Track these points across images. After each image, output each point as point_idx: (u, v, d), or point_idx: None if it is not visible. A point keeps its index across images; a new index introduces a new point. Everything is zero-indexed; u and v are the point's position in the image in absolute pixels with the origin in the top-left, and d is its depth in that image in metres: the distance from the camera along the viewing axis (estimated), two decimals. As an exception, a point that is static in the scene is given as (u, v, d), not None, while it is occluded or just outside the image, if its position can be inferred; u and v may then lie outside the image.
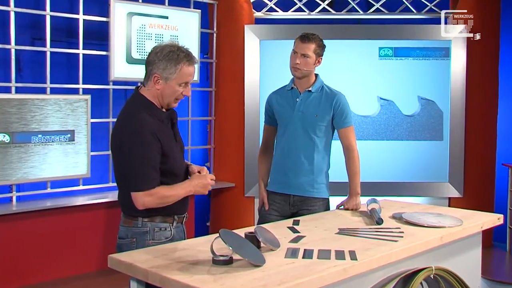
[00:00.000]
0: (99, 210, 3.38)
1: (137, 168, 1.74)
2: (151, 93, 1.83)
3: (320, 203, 2.45)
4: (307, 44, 2.38)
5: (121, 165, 1.80)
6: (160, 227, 1.83)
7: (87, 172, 3.32)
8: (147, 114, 1.79)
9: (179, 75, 1.80)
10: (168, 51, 1.80)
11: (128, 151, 1.75)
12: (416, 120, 3.97)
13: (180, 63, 1.80)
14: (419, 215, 2.19)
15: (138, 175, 1.74)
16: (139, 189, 1.75)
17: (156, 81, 1.81)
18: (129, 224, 1.84)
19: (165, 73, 1.80)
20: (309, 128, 2.44)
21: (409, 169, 3.96)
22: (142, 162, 1.73)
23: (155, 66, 1.80)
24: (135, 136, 1.74)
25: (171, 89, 1.81)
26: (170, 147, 1.82)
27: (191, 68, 1.83)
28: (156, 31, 3.55)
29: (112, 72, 3.40)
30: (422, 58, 3.96)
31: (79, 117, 3.27)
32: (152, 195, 1.75)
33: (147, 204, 1.76)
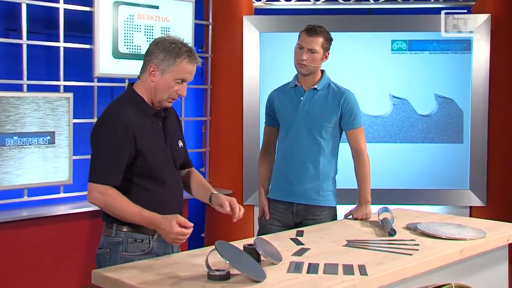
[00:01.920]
0: (82, 220, 3.38)
1: (99, 158, 1.79)
2: (144, 86, 1.87)
3: (326, 212, 2.46)
4: (314, 38, 2.39)
5: (91, 156, 1.85)
6: (135, 238, 1.83)
7: (69, 178, 3.32)
8: (131, 109, 1.83)
9: (177, 69, 1.83)
10: (169, 42, 1.85)
11: (95, 139, 1.81)
12: (432, 121, 3.99)
13: (180, 56, 1.83)
14: (436, 225, 2.21)
15: (98, 165, 1.79)
16: (93, 179, 1.79)
17: (151, 71, 1.84)
18: (105, 233, 1.87)
19: (162, 65, 1.83)
20: (314, 130, 2.45)
21: (425, 174, 3.97)
22: (105, 153, 1.78)
23: (153, 56, 1.84)
24: (107, 126, 1.80)
25: (166, 83, 1.84)
26: (149, 146, 1.83)
27: (191, 66, 1.86)
28: (145, 23, 3.57)
29: (97, 68, 3.42)
30: (439, 52, 3.97)
31: (59, 118, 3.28)
32: (103, 194, 1.78)
33: (94, 199, 1.79)
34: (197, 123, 4.34)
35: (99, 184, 1.77)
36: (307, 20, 2.82)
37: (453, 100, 4.00)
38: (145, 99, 1.87)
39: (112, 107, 1.87)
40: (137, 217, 1.78)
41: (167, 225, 1.73)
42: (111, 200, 1.77)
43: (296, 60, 2.43)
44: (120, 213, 1.78)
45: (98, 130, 1.82)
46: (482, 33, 3.92)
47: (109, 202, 1.78)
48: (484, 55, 3.94)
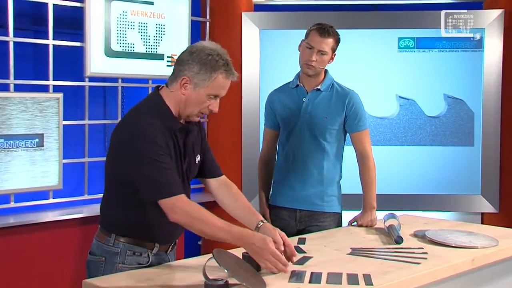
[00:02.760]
0: (73, 227, 3.38)
1: (152, 175, 1.71)
2: (173, 97, 1.83)
3: (330, 219, 2.47)
4: (326, 39, 2.40)
5: (120, 173, 1.78)
6: (134, 250, 1.83)
7: (58, 183, 3.33)
8: (157, 120, 1.78)
9: (212, 85, 1.79)
10: (206, 53, 1.79)
11: (138, 157, 1.72)
12: (441, 122, 3.99)
13: (217, 71, 1.78)
14: (446, 233, 2.21)
15: (156, 182, 1.71)
16: (164, 194, 1.71)
17: (183, 84, 1.80)
18: (101, 239, 1.86)
19: (196, 78, 1.78)
20: (317, 132, 2.46)
21: (433, 179, 3.97)
22: (155, 166, 1.71)
23: (187, 68, 1.79)
24: (144, 138, 1.72)
25: (198, 99, 1.80)
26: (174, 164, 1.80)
27: (227, 81, 1.82)
28: (139, 19, 3.58)
29: (88, 67, 3.42)
30: (449, 50, 3.98)
31: (49, 119, 3.28)
32: (183, 203, 1.70)
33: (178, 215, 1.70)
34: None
35: (175, 196, 1.70)
36: (309, 16, 2.84)
37: (463, 100, 4.00)
38: (172, 110, 1.83)
39: (138, 118, 1.79)
40: (225, 234, 1.69)
41: (262, 243, 1.67)
42: (194, 217, 1.70)
43: (304, 60, 2.43)
44: (205, 229, 1.70)
45: (132, 146, 1.74)
46: (494, 30, 3.93)
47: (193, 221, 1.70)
48: (497, 53, 3.94)
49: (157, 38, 3.64)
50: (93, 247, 1.89)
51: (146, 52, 3.60)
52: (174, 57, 3.69)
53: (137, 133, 1.75)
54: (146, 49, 3.59)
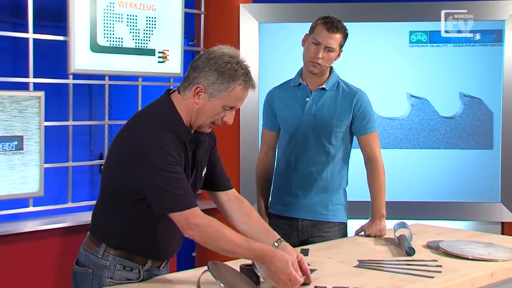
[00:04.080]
0: (54, 237, 3.39)
1: (164, 186, 1.71)
2: (185, 105, 1.82)
3: (335, 229, 2.48)
4: (334, 34, 2.39)
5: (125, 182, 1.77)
6: (124, 265, 1.84)
7: (39, 189, 3.33)
8: (168, 129, 1.77)
9: (228, 96, 1.78)
10: (225, 62, 1.78)
11: (147, 166, 1.71)
12: (457, 123, 4.00)
13: (235, 81, 1.78)
14: (462, 244, 2.22)
15: (173, 193, 1.71)
16: (181, 207, 1.71)
17: (197, 93, 1.79)
18: (89, 249, 1.86)
19: (211, 88, 1.77)
20: (322, 135, 2.47)
21: (448, 185, 3.98)
22: (167, 177, 1.71)
23: (203, 75, 1.78)
24: (155, 147, 1.72)
25: (213, 110, 1.80)
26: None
27: (245, 92, 1.82)
28: (128, 12, 3.58)
29: (72, 63, 3.43)
30: (465, 44, 3.99)
31: (28, 120, 3.29)
32: (209, 219, 1.71)
33: (194, 227, 1.70)
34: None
35: (190, 209, 1.71)
36: (313, 8, 2.85)
37: (481, 99, 4.01)
38: (183, 119, 1.82)
39: (151, 124, 1.78)
40: (244, 252, 1.71)
41: (283, 265, 1.68)
42: (213, 231, 1.70)
43: (309, 57, 2.43)
44: (224, 245, 1.71)
45: (143, 153, 1.73)
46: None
47: (211, 233, 1.71)
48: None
49: (148, 32, 3.65)
50: (80, 256, 1.89)
51: (136, 47, 3.61)
52: (165, 53, 3.70)
53: (148, 142, 1.73)
54: (136, 44, 3.60)
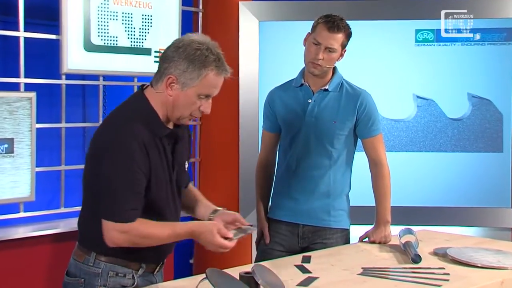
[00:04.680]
0: (46, 244, 3.39)
1: (116, 191, 1.74)
2: (159, 99, 1.83)
3: (338, 235, 2.49)
4: (335, 34, 2.40)
5: (94, 182, 1.80)
6: (117, 271, 1.84)
7: (30, 194, 3.33)
8: (142, 124, 1.79)
9: (202, 84, 1.79)
10: (194, 48, 1.79)
11: (108, 167, 1.74)
12: (465, 125, 4.01)
13: (207, 68, 1.79)
14: (470, 251, 2.23)
15: (115, 200, 1.74)
16: (111, 218, 1.75)
17: (169, 84, 1.80)
18: (79, 258, 1.87)
19: (183, 77, 1.78)
20: (324, 138, 2.47)
21: (456, 189, 3.98)
22: (123, 184, 1.73)
23: (173, 65, 1.79)
24: (121, 148, 1.74)
25: (187, 100, 1.81)
26: (156, 176, 1.82)
27: (219, 79, 1.83)
28: (123, 9, 3.60)
29: (65, 63, 3.44)
30: (474, 43, 4.00)
31: (19, 122, 3.29)
32: (126, 232, 1.75)
33: (117, 241, 1.76)
34: (184, 129, 4.35)
35: (120, 223, 1.74)
36: (315, 6, 2.86)
37: (490, 100, 4.01)
38: (159, 114, 1.84)
39: (120, 121, 1.81)
40: (173, 239, 1.81)
41: (209, 235, 1.78)
42: (137, 233, 1.76)
43: (309, 58, 2.44)
44: (152, 243, 1.80)
45: (106, 152, 1.75)
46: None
47: (136, 241, 1.77)
48: (529, 46, 3.96)
49: (143, 30, 3.66)
50: (70, 267, 1.90)
51: (131, 46, 3.62)
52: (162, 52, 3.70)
53: (116, 140, 1.76)
54: (131, 42, 3.61)
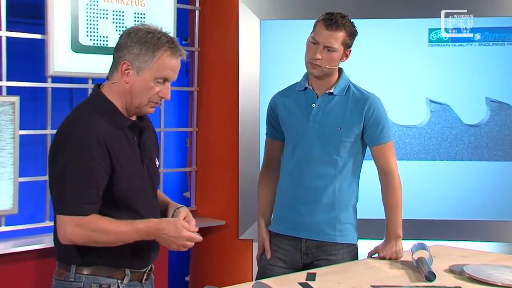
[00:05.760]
0: (30, 261, 3.38)
1: (69, 184, 1.78)
2: (116, 90, 1.90)
3: (344, 251, 2.48)
4: (333, 33, 2.41)
5: (53, 181, 1.85)
6: (100, 283, 1.86)
7: (13, 206, 3.33)
8: (101, 117, 1.85)
9: (157, 66, 1.87)
10: (145, 32, 1.88)
11: (60, 159, 1.79)
12: (483, 132, 4.00)
13: (159, 49, 1.87)
14: (489, 268, 2.22)
15: (69, 194, 1.78)
16: (65, 211, 1.78)
17: (124, 70, 1.88)
18: (60, 277, 1.89)
19: (137, 61, 1.86)
20: (329, 145, 2.48)
21: (473, 201, 3.97)
22: (77, 177, 1.77)
23: (126, 51, 1.87)
24: (75, 140, 1.79)
25: (144, 84, 1.87)
26: (124, 168, 1.86)
27: (174, 60, 1.89)
28: (113, 7, 3.61)
29: (51, 64, 3.45)
30: (492, 43, 3.99)
31: (1, 128, 3.29)
32: (81, 226, 1.77)
33: (71, 236, 1.78)
34: (180, 135, 4.36)
35: (74, 216, 1.76)
36: (320, 4, 2.86)
37: (510, 105, 4.00)
38: (117, 106, 1.90)
39: (77, 116, 1.88)
40: (133, 235, 1.81)
41: (173, 230, 1.80)
42: (92, 227, 1.77)
43: (308, 58, 2.45)
44: (110, 240, 1.80)
45: (62, 147, 1.81)
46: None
47: (92, 236, 1.78)
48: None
49: (135, 29, 3.66)
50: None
51: (122, 46, 3.62)
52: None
53: (71, 135, 1.81)
54: (122, 43, 3.62)
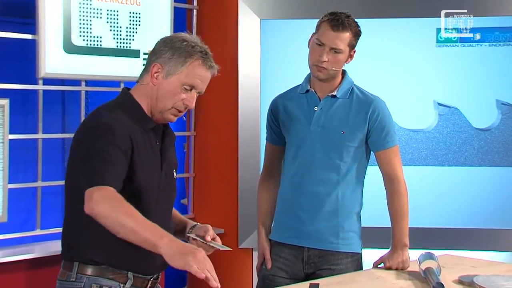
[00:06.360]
0: (20, 271, 3.38)
1: (97, 160, 1.79)
2: (144, 91, 1.97)
3: (347, 260, 2.48)
4: (340, 34, 2.41)
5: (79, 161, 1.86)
6: (101, 284, 1.87)
7: (2, 214, 3.33)
8: (126, 115, 1.92)
9: (186, 72, 1.94)
10: (181, 40, 1.96)
11: (91, 141, 1.83)
12: (493, 136, 4.00)
13: (192, 56, 1.94)
14: (501, 279, 2.21)
15: (97, 168, 1.79)
16: (92, 183, 1.77)
17: (154, 72, 1.96)
18: (62, 277, 1.91)
19: (168, 65, 1.94)
20: (332, 150, 2.48)
21: (483, 209, 3.96)
22: (105, 157, 1.80)
23: (159, 55, 1.96)
24: (105, 128, 1.84)
25: (170, 88, 1.94)
26: (143, 165, 1.90)
27: (204, 70, 1.96)
28: (107, 6, 3.61)
29: (43, 65, 3.45)
30: (503, 44, 3.99)
31: (-9, 132, 3.30)
32: (106, 196, 1.73)
33: (95, 203, 1.73)
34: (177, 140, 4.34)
35: (102, 186, 1.75)
36: (322, 3, 2.86)
37: (521, 108, 4.02)
38: (143, 107, 1.97)
39: (103, 111, 1.94)
40: (154, 236, 1.70)
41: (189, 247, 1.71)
42: (119, 208, 1.72)
43: (313, 61, 2.45)
44: (126, 229, 1.71)
45: (90, 132, 1.87)
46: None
47: (115, 214, 1.71)
48: None
49: (131, 30, 3.67)
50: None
51: (117, 47, 3.63)
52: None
53: (96, 124, 1.87)
54: (117, 43, 3.63)
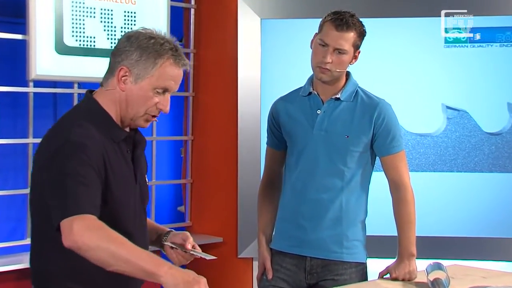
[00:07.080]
0: (8, 282, 3.38)
1: (70, 188, 1.67)
2: (111, 98, 1.85)
3: (352, 270, 2.48)
4: (344, 33, 2.41)
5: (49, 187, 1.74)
6: None
7: (-10, 222, 3.33)
8: (95, 127, 1.79)
9: (157, 74, 1.82)
10: (147, 36, 1.85)
11: (61, 164, 1.70)
12: (505, 141, 4.00)
13: (162, 57, 1.83)
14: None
15: (70, 196, 1.66)
16: (69, 212, 1.64)
17: (121, 77, 1.83)
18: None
19: (136, 68, 1.82)
20: (336, 155, 2.48)
21: (494, 217, 3.96)
22: (78, 181, 1.68)
23: (124, 57, 1.83)
24: (75, 147, 1.71)
25: (142, 94, 1.83)
26: (118, 184, 1.81)
27: (177, 69, 1.86)
28: (101, 5, 3.62)
29: (33, 67, 3.45)
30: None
31: (-21, 137, 3.31)
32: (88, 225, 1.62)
33: (77, 234, 1.60)
34: (174, 145, 4.35)
35: (80, 215, 1.63)
36: (325, 2, 2.86)
37: (534, 112, 4.02)
38: (112, 115, 1.86)
39: (70, 123, 1.80)
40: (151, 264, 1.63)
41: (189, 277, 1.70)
42: (105, 236, 1.61)
43: (316, 62, 2.45)
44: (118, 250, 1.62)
45: (58, 152, 1.72)
46: None
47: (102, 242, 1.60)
48: None
49: (126, 30, 3.67)
50: None
51: (111, 48, 3.60)
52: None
53: (69, 139, 1.73)
54: (111, 44, 3.63)
